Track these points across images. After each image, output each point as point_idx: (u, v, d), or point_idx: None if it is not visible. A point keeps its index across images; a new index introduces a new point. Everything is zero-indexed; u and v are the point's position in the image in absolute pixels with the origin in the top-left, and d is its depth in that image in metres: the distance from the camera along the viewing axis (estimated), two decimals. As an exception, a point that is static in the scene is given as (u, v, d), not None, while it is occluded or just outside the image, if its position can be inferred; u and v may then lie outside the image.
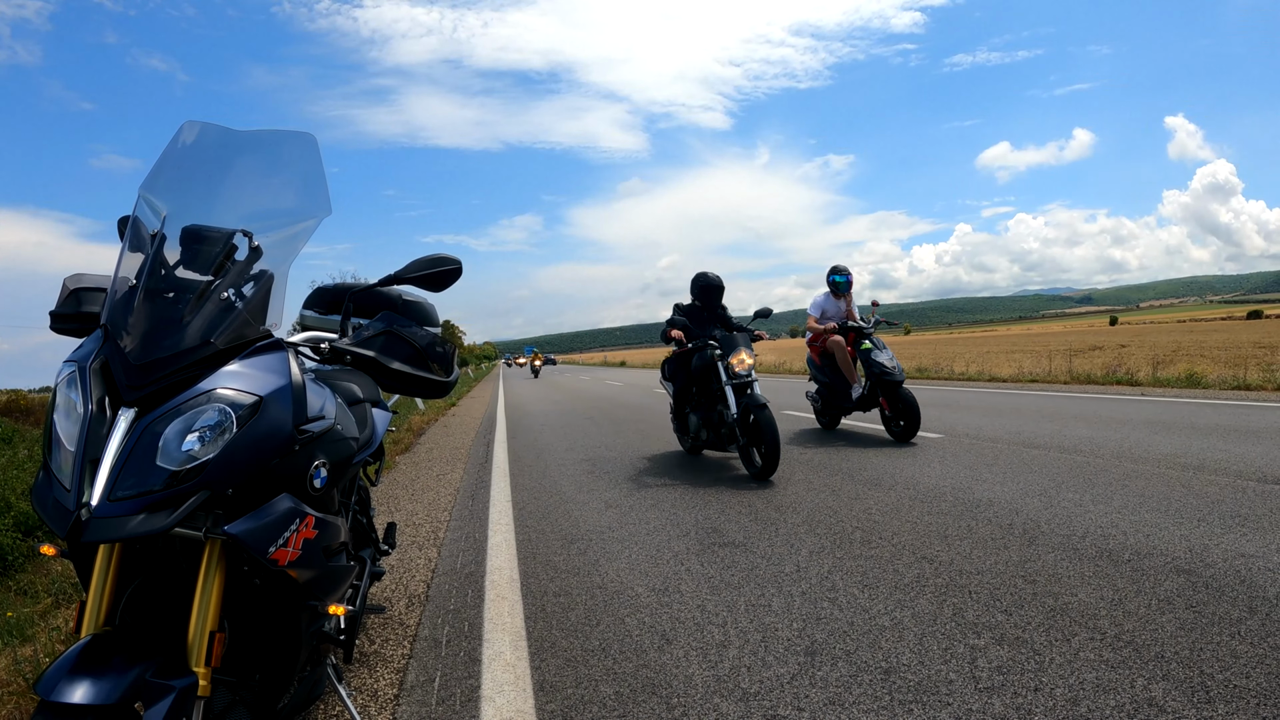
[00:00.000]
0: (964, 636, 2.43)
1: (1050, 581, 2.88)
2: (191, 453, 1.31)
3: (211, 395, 1.38)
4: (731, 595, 2.96)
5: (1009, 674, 2.15)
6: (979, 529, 3.70)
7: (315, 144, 1.81)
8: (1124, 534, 3.44)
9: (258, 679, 1.60)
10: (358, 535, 2.47)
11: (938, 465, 5.56)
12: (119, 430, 1.31)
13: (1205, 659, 2.17)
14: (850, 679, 2.19)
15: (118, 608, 1.43)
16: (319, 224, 1.72)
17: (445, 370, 1.87)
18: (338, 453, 1.75)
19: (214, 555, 1.41)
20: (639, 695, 2.19)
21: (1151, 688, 2.02)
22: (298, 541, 1.47)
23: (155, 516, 1.27)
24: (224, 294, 1.53)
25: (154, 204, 1.60)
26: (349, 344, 1.69)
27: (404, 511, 5.17)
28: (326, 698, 2.26)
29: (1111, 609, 2.57)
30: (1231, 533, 3.35)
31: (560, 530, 4.28)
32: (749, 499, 4.77)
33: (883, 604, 2.76)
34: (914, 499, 4.46)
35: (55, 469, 1.34)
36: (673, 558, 3.55)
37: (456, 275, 1.79)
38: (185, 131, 1.71)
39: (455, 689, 2.34)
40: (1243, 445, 5.53)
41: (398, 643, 2.74)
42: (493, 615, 2.93)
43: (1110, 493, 4.28)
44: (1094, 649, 2.28)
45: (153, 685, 1.26)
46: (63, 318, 1.68)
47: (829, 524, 3.99)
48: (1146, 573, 2.90)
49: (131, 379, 1.36)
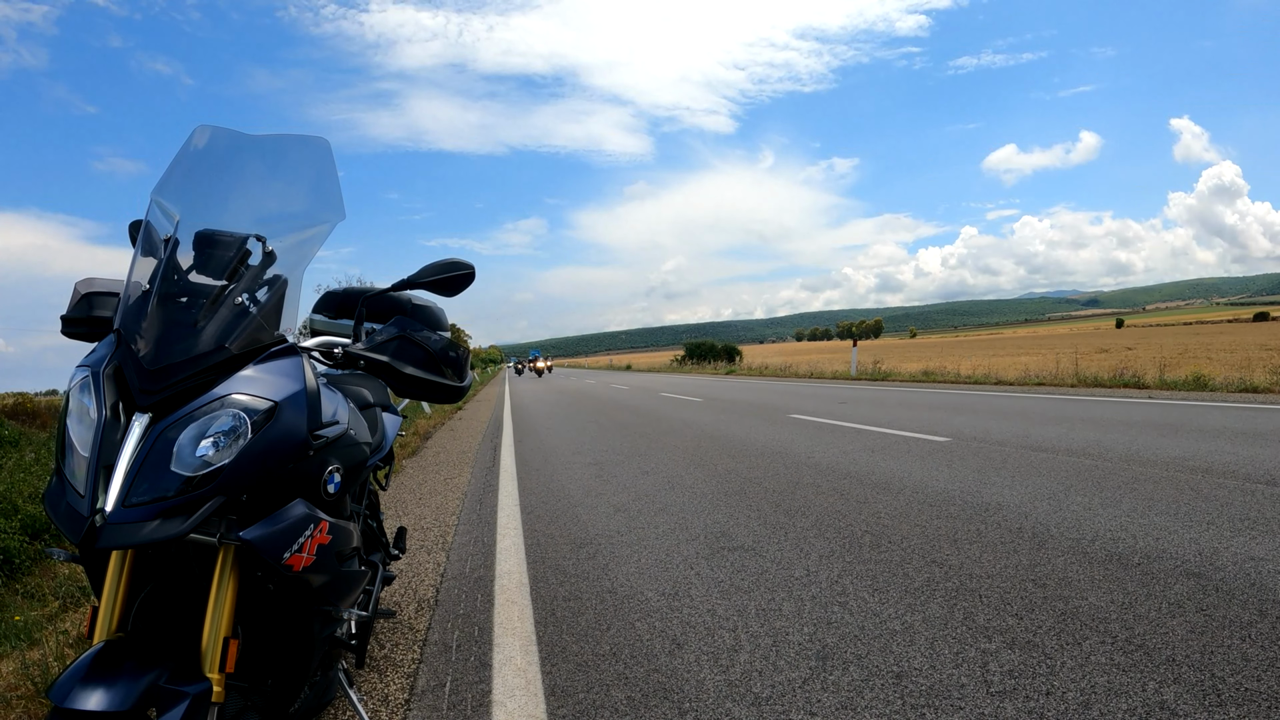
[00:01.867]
0: (975, 640, 2.42)
1: (1060, 585, 2.87)
2: (206, 458, 1.31)
3: (226, 401, 1.37)
4: (742, 599, 2.96)
5: (1020, 678, 2.14)
6: (988, 533, 3.69)
7: (329, 149, 1.81)
8: (1133, 537, 3.42)
9: (270, 684, 1.60)
10: (368, 540, 2.47)
11: (946, 469, 5.55)
12: (133, 436, 1.31)
13: (1216, 662, 2.16)
14: (862, 683, 2.19)
15: (130, 613, 1.43)
16: (332, 229, 1.72)
17: (459, 375, 1.87)
18: (351, 458, 1.75)
19: (228, 561, 1.41)
20: (650, 700, 2.19)
21: (1163, 691, 2.01)
22: (311, 547, 1.47)
23: (170, 523, 1.27)
24: (238, 299, 1.53)
25: (166, 208, 1.60)
26: (363, 349, 1.69)
27: (412, 516, 5.17)
28: (337, 702, 2.26)
29: (1122, 612, 2.56)
30: (1241, 536, 3.33)
31: (569, 534, 4.27)
32: (757, 503, 4.76)
33: (893, 608, 2.75)
34: (923, 503, 4.45)
35: (69, 474, 1.34)
36: (682, 562, 3.55)
37: (469, 280, 1.80)
38: (198, 136, 1.72)
39: (466, 694, 2.34)
40: (1251, 448, 5.50)
41: (408, 647, 2.74)
42: (502, 620, 2.93)
43: (1119, 496, 4.26)
44: (1105, 652, 2.27)
45: (166, 691, 1.26)
46: (74, 321, 1.68)
47: (838, 528, 3.98)
48: (1156, 576, 2.89)
49: (145, 384, 1.36)
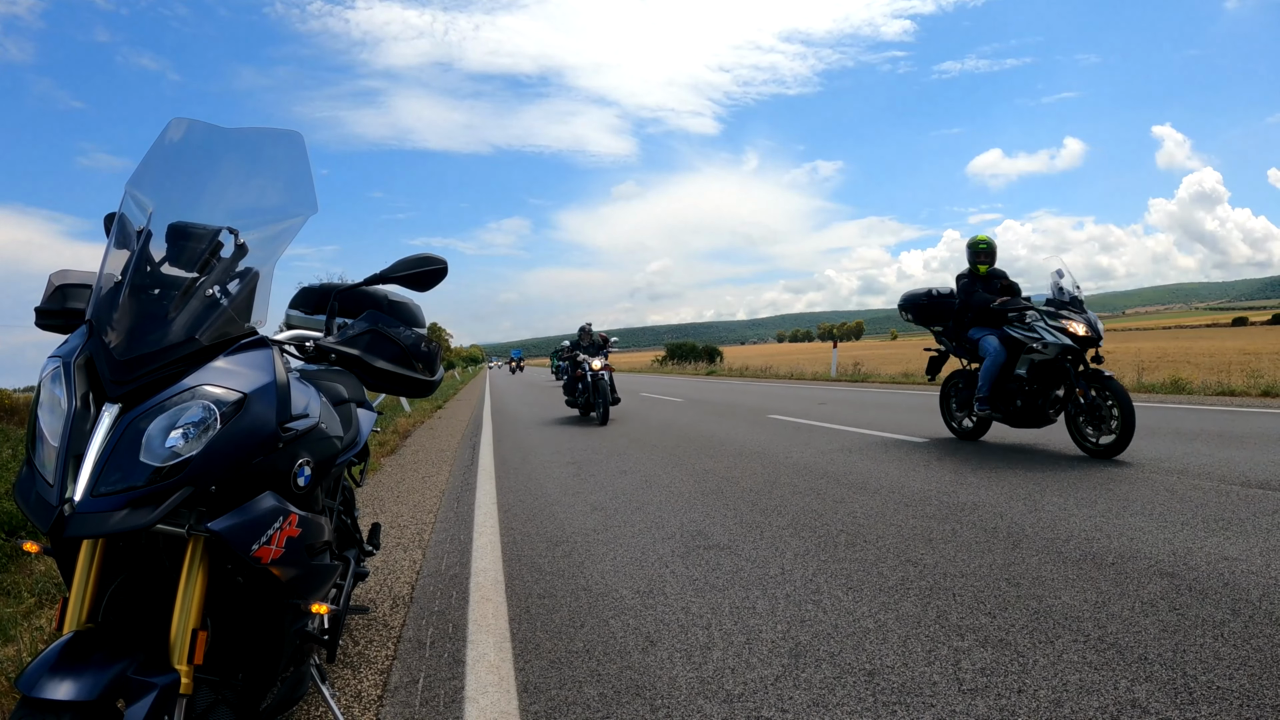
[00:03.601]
0: (948, 638, 2.44)
1: (1034, 584, 2.89)
2: (175, 449, 1.31)
3: (196, 392, 1.37)
4: (716, 597, 2.96)
5: (992, 676, 2.16)
6: (963, 532, 3.72)
7: (302, 142, 1.81)
8: (1108, 537, 3.46)
9: (240, 678, 1.59)
10: (342, 535, 2.46)
11: (922, 469, 5.59)
12: (103, 426, 1.31)
13: (1188, 660, 2.19)
14: (834, 680, 2.20)
15: (100, 604, 1.42)
16: (305, 222, 1.72)
17: (430, 370, 1.87)
18: (321, 451, 1.75)
19: (197, 552, 1.40)
20: (623, 697, 2.19)
21: (1135, 689, 2.04)
22: (281, 539, 1.46)
23: (138, 513, 1.26)
24: (209, 291, 1.53)
25: (141, 200, 1.60)
26: (334, 342, 1.69)
27: (389, 513, 5.15)
28: (310, 698, 2.25)
29: (1095, 611, 2.59)
30: (1215, 536, 3.38)
31: (545, 532, 4.27)
32: (734, 502, 4.78)
33: (867, 606, 2.77)
34: (899, 502, 4.48)
35: (39, 464, 1.33)
36: (657, 560, 3.55)
37: (442, 275, 1.80)
38: (173, 129, 1.71)
39: (439, 690, 2.33)
40: (1226, 450, 5.58)
41: (382, 644, 2.73)
42: (477, 617, 2.92)
43: (1094, 496, 4.31)
44: (1077, 651, 2.29)
45: (134, 682, 1.25)
46: (48, 314, 1.67)
47: (814, 527, 4.00)
48: (1130, 575, 2.92)
49: (116, 375, 1.35)
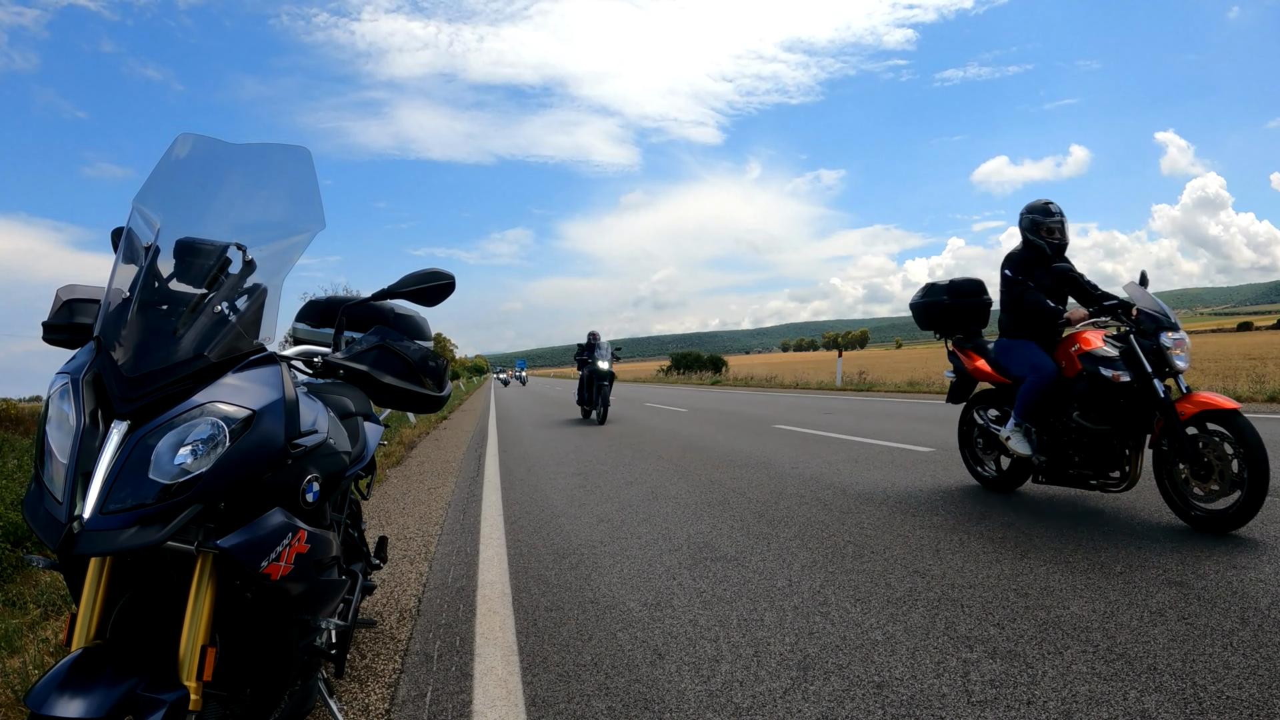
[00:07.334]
0: (956, 650, 2.43)
1: (1042, 594, 2.88)
2: (184, 466, 1.31)
3: (204, 409, 1.37)
4: (724, 610, 2.95)
5: (1002, 687, 2.15)
6: (971, 543, 3.70)
7: (309, 158, 1.82)
8: (1116, 546, 3.45)
9: (248, 693, 1.59)
10: (349, 549, 2.46)
11: (929, 479, 5.58)
12: (111, 443, 1.31)
13: (1198, 670, 2.18)
14: (843, 693, 2.19)
15: (109, 621, 1.42)
16: (312, 238, 1.73)
17: (438, 385, 1.87)
18: (330, 467, 1.75)
19: (206, 569, 1.40)
20: (631, 710, 2.18)
21: (1144, 699, 2.02)
22: (289, 556, 1.47)
23: (147, 530, 1.26)
24: (217, 307, 1.53)
25: (148, 216, 1.60)
26: (342, 358, 1.70)
27: (395, 525, 5.14)
28: (317, 711, 2.24)
29: (1104, 621, 2.58)
30: (1223, 544, 3.36)
31: (552, 544, 4.26)
32: (740, 513, 4.77)
33: (875, 618, 2.76)
34: (906, 513, 4.47)
35: (47, 481, 1.33)
36: (665, 572, 3.54)
37: (449, 290, 1.81)
38: (180, 144, 1.72)
39: (447, 704, 2.32)
40: (1232, 458, 5.56)
41: (389, 657, 2.72)
42: (484, 630, 2.92)
43: (1100, 505, 4.30)
44: (1086, 661, 2.28)
45: (143, 699, 1.25)
46: (55, 328, 1.67)
47: (821, 538, 3.99)
48: (1138, 585, 2.91)
49: (124, 391, 1.35)
